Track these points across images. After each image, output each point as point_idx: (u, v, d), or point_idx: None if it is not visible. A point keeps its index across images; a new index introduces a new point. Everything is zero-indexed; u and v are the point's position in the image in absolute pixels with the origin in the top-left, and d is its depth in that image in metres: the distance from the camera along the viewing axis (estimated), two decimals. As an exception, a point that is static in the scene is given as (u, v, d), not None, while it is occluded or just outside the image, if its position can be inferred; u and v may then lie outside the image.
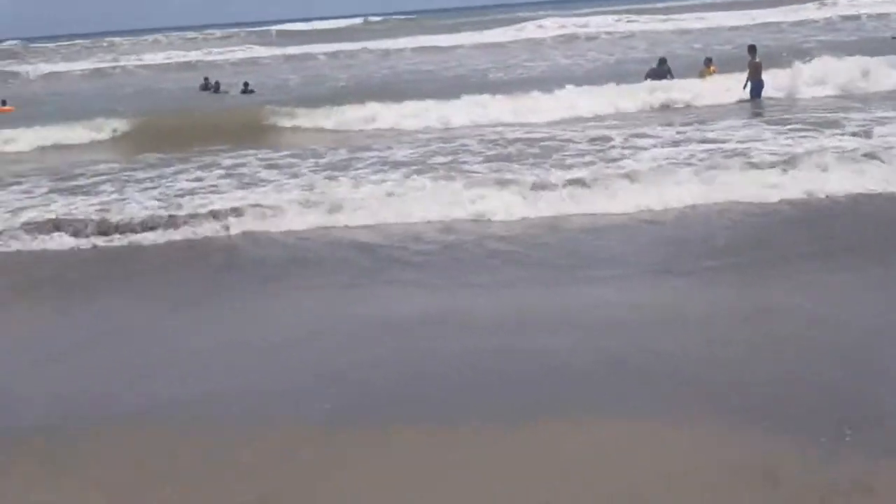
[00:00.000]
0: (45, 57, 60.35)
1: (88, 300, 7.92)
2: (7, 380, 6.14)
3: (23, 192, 12.51)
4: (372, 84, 27.63)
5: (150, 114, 20.04)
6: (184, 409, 5.38)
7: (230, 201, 10.57)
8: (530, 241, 8.78)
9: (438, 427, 4.94)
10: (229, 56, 47.10)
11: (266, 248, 9.22)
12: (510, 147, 13.30)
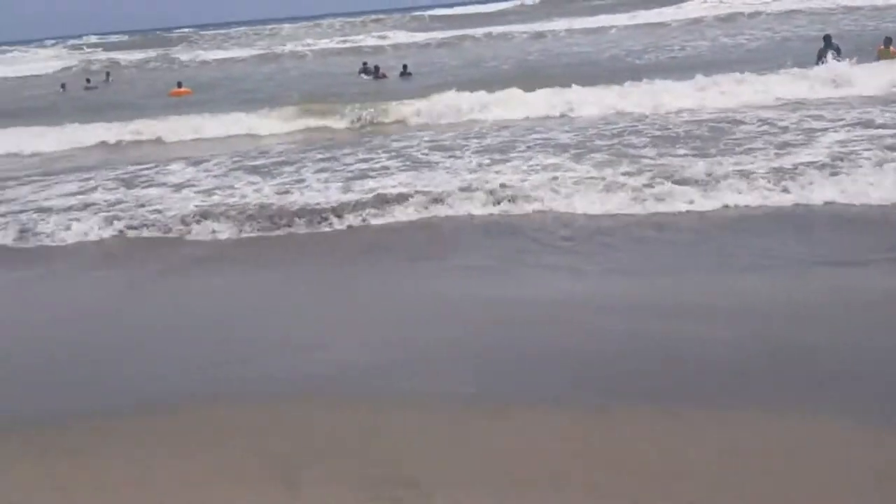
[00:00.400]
0: (215, 43, 63.56)
1: (264, 275, 8.34)
2: (179, 351, 6.34)
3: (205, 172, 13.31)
4: (527, 67, 27.51)
5: (316, 97, 20.64)
6: (331, 384, 5.42)
7: (396, 186, 10.77)
8: (699, 231, 8.49)
9: (587, 410, 4.78)
10: (387, 40, 48.11)
11: (419, 229, 9.32)
12: (679, 132, 12.85)
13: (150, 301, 7.66)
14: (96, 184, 13.11)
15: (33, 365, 6.13)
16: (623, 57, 28.23)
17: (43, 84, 41.17)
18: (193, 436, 4.74)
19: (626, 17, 45.43)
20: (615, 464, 4.14)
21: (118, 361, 6.08)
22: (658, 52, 28.82)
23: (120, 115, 22.85)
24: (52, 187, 13.21)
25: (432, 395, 5.13)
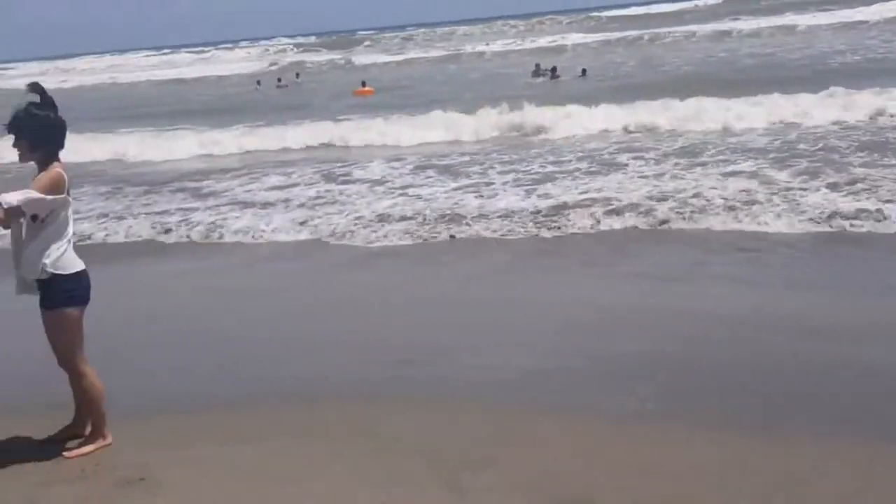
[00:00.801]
0: (395, 44, 65.35)
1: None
2: (344, 348, 6.33)
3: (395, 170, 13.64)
4: (708, 70, 26.55)
5: (496, 98, 20.71)
6: (498, 389, 5.24)
7: (577, 191, 10.67)
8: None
9: (754, 431, 4.36)
10: (563, 41, 47.84)
11: (595, 236, 9.07)
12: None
13: (325, 297, 7.78)
14: (299, 179, 13.71)
15: (221, 354, 6.31)
16: (820, 58, 26.71)
17: (241, 83, 43.75)
18: (361, 434, 4.70)
19: (820, 16, 43.02)
20: (788, 487, 3.86)
21: (292, 353, 6.17)
22: (855, 52, 27.10)
23: (310, 112, 23.93)
24: (259, 180, 13.94)
25: (597, 407, 4.90)
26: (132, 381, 5.54)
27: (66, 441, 4.69)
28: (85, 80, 53.92)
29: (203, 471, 4.32)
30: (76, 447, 4.60)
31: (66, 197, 4.43)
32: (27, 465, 4.46)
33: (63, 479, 4.29)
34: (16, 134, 4.37)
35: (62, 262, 4.41)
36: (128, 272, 9.11)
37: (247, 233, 10.20)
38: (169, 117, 26.07)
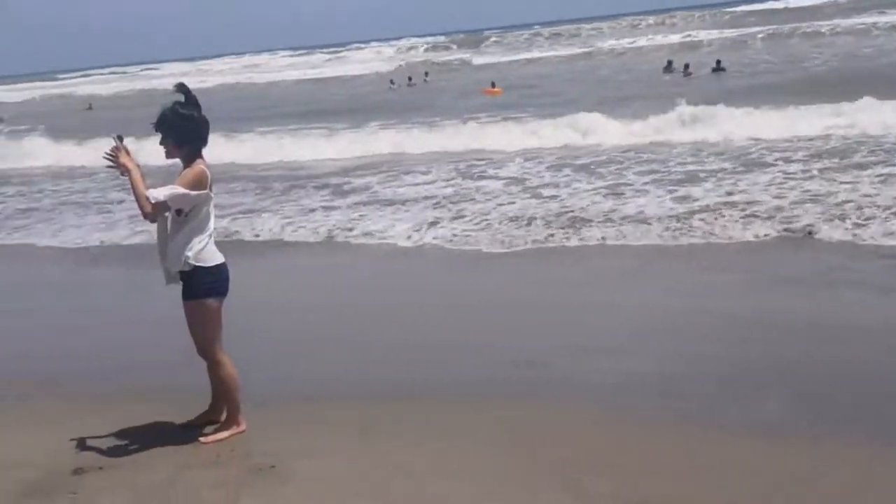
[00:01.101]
0: (523, 43, 65.15)
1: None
2: (472, 347, 6.32)
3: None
4: (855, 67, 25.15)
5: (622, 98, 20.14)
6: (617, 394, 5.09)
7: (713, 195, 10.28)
8: None
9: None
10: (695, 36, 46.48)
11: (724, 242, 8.69)
12: None
13: (450, 297, 7.82)
14: (436, 176, 13.85)
15: (353, 349, 6.37)
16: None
17: (371, 82, 44.69)
18: (487, 432, 4.66)
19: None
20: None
21: (418, 351, 6.19)
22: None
23: (440, 111, 24.15)
24: (398, 178, 14.12)
25: (723, 417, 4.68)
26: (267, 371, 5.70)
27: (203, 427, 4.87)
28: (224, 79, 56.16)
29: (332, 462, 4.38)
30: (212, 433, 4.76)
31: (209, 192, 4.58)
32: (168, 447, 4.64)
33: (200, 463, 4.44)
34: (163, 132, 4.56)
35: (203, 254, 4.56)
36: (267, 265, 9.39)
37: (381, 233, 10.17)
38: (306, 116, 26.78)
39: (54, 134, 24.48)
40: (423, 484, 4.10)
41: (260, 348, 6.17)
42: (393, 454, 4.43)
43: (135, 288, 8.51)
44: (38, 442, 4.84)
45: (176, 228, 4.56)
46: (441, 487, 4.06)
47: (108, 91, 58.04)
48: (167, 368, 5.90)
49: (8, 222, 13.33)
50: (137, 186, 4.42)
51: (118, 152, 4.49)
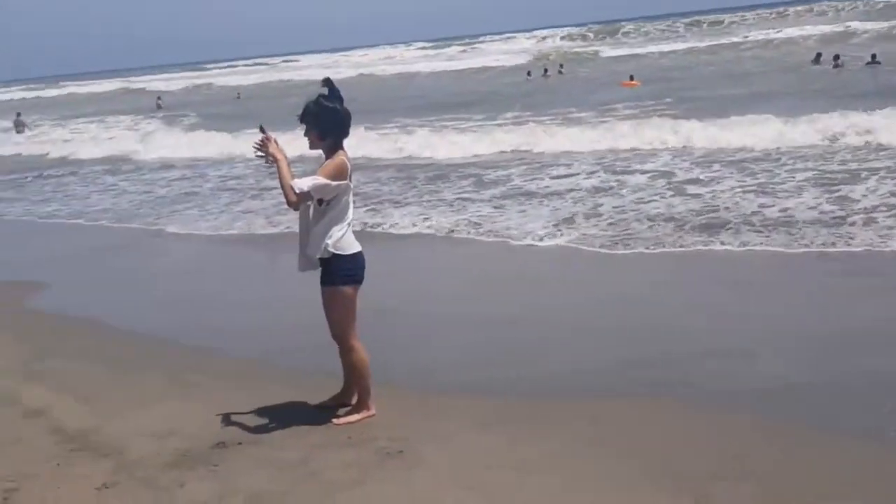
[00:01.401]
0: (662, 34, 63.53)
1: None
2: (611, 347, 6.27)
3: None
4: None
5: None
6: (754, 399, 4.88)
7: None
8: None
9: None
10: (845, 28, 44.06)
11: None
12: None
13: (581, 296, 7.77)
14: (579, 169, 13.76)
15: (484, 340, 6.45)
16: None
17: (509, 73, 44.68)
18: (608, 433, 4.62)
19: None
20: None
21: (548, 347, 6.20)
22: None
23: (576, 103, 23.94)
24: (540, 171, 14.11)
25: (870, 428, 4.43)
26: (399, 359, 5.82)
27: (336, 408, 5.04)
28: (362, 71, 57.29)
29: (458, 451, 4.45)
30: (344, 416, 4.92)
31: (348, 183, 4.73)
32: (303, 427, 4.84)
33: (332, 443, 4.61)
34: (307, 124, 4.73)
35: (342, 243, 4.71)
36: (405, 255, 9.54)
37: (513, 229, 10.05)
38: (445, 107, 27.02)
39: (208, 121, 25.80)
40: (542, 481, 4.10)
41: (394, 337, 6.32)
42: (515, 449, 4.45)
43: (281, 272, 8.81)
44: (186, 414, 5.15)
45: (317, 217, 4.72)
46: (557, 486, 4.05)
47: (252, 81, 60.42)
48: (306, 351, 6.13)
49: (172, 206, 14.17)
50: (284, 176, 4.60)
51: (267, 143, 4.69)
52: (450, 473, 4.19)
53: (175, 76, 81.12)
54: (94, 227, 12.96)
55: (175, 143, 23.09)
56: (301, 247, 4.83)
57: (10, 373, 6.16)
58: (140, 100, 52.99)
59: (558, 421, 4.81)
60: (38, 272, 9.81)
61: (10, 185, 19.15)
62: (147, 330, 7.21)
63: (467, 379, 5.56)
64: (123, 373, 6.07)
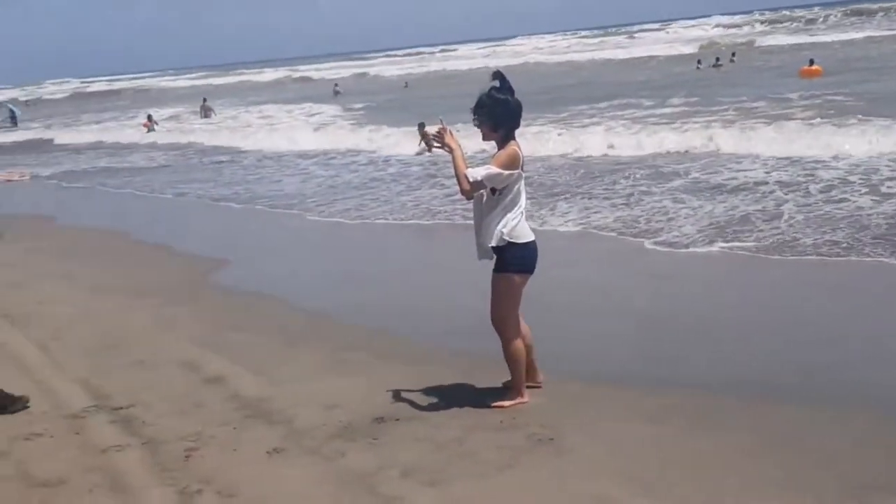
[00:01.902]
0: (849, 22, 59.56)
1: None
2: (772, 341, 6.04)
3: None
4: None
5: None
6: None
7: None
8: None
9: None
10: None
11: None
12: None
13: (736, 296, 7.53)
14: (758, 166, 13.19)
15: (642, 334, 6.38)
16: None
17: (678, 63, 43.29)
18: (759, 435, 4.42)
19: None
20: None
21: (700, 343, 6.08)
22: None
23: (751, 91, 22.91)
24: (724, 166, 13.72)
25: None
26: (554, 347, 5.73)
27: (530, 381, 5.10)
28: (524, 60, 56.91)
29: (607, 443, 4.43)
30: (497, 400, 5.01)
31: (520, 172, 4.82)
32: (458, 409, 4.97)
33: (485, 426, 4.70)
34: (480, 116, 4.86)
35: (516, 231, 4.81)
36: (570, 248, 9.43)
37: (682, 227, 9.68)
38: (616, 96, 26.34)
39: (382, 111, 26.41)
40: (718, 480, 4.00)
41: (550, 326, 6.28)
42: (683, 444, 4.38)
43: (454, 258, 8.94)
44: (349, 389, 5.40)
45: (490, 206, 4.83)
46: (734, 486, 3.93)
47: (412, 70, 61.66)
48: (468, 334, 6.23)
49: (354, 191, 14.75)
50: (459, 166, 4.75)
51: (444, 133, 4.84)
52: (603, 464, 4.18)
53: (335, 65, 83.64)
54: (278, 211, 13.58)
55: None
56: (476, 236, 4.96)
57: (194, 342, 6.65)
58: (316, 88, 55.32)
59: (730, 419, 4.68)
60: (224, 250, 10.49)
61: (202, 169, 20.55)
62: (318, 308, 7.59)
63: (625, 372, 5.51)
64: (294, 347, 6.43)
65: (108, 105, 61.02)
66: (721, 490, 3.89)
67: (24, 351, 5.60)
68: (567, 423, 4.69)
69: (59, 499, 4.14)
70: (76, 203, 16.67)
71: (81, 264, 10.16)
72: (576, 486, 3.97)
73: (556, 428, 4.61)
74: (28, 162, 25.69)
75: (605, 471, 4.11)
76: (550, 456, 4.30)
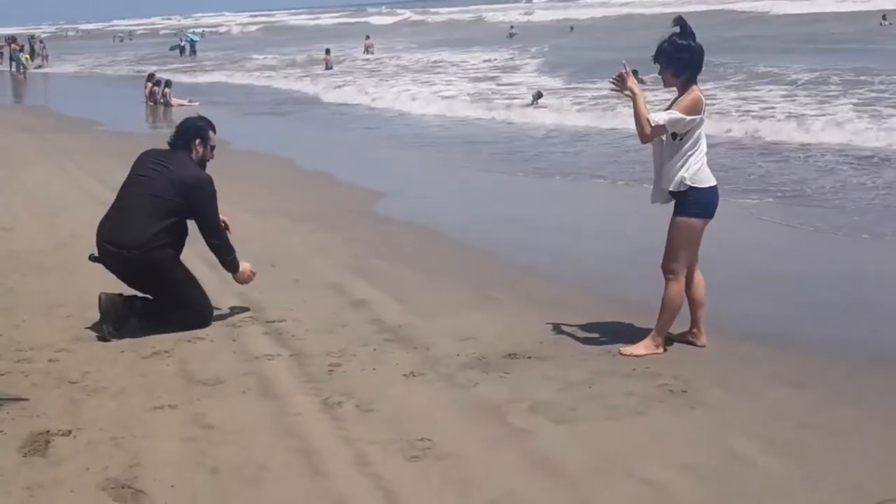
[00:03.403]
0: None
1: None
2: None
3: None
4: None
5: None
6: None
7: None
8: None
9: None
10: None
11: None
12: None
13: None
14: None
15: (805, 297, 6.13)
16: None
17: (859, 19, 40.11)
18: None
19: None
20: None
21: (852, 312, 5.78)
22: None
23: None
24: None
25: None
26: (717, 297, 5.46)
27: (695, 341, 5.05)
28: (708, 7, 54.21)
29: (744, 401, 4.30)
30: (631, 347, 4.95)
31: (703, 117, 4.72)
32: (591, 351, 4.98)
33: (616, 372, 4.67)
34: (661, 63, 4.78)
35: (699, 175, 4.74)
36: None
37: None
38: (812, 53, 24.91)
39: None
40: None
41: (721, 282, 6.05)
42: (827, 410, 4.21)
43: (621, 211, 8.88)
44: (486, 324, 5.48)
45: (672, 151, 4.77)
46: (882, 455, 3.76)
47: (585, 15, 60.01)
48: (616, 282, 6.23)
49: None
50: (640, 109, 4.67)
51: (626, 77, 4.77)
52: (738, 421, 4.07)
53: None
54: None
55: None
56: (656, 180, 4.92)
57: (344, 268, 6.93)
58: (486, 30, 55.01)
59: (876, 390, 4.45)
60: (383, 183, 10.77)
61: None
62: (466, 242, 7.77)
63: (770, 333, 5.29)
64: (438, 279, 6.58)
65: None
66: (859, 458, 3.72)
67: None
68: (703, 377, 4.58)
69: (215, 397, 4.47)
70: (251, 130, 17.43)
71: (249, 185, 10.64)
72: (707, 440, 3.89)
73: (690, 381, 4.51)
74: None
75: (739, 428, 4.00)
76: (683, 408, 4.23)
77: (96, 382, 4.66)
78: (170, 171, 5.47)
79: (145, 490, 3.52)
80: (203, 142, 5.62)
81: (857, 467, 3.64)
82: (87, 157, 13.24)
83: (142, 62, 41.90)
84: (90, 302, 5.57)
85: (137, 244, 5.30)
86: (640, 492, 3.47)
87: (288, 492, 3.53)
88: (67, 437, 4.00)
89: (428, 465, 3.70)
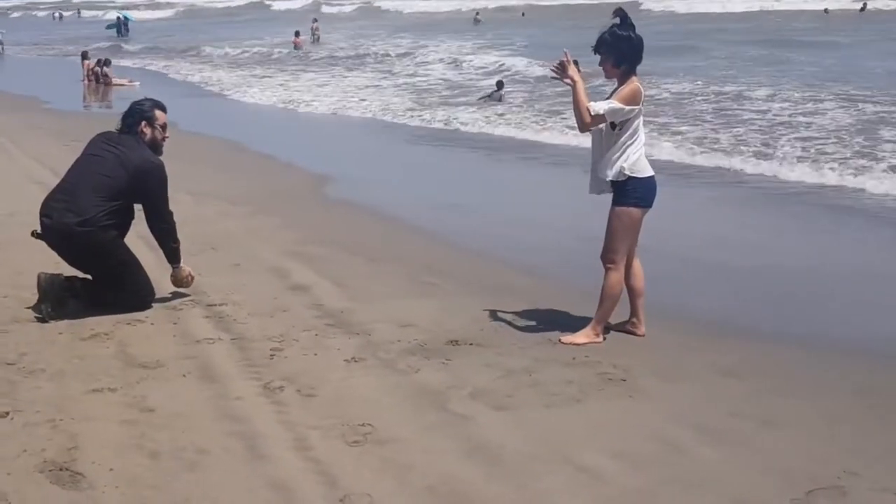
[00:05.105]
0: None
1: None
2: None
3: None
4: None
5: None
6: None
7: None
8: None
9: None
10: None
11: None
12: None
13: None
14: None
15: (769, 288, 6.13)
16: None
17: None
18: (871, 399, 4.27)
19: None
20: None
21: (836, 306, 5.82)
22: None
23: None
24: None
25: None
26: (659, 288, 5.56)
27: (635, 331, 5.10)
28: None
29: (680, 390, 4.35)
30: (570, 336, 4.99)
31: (641, 108, 4.77)
32: (531, 339, 5.00)
33: (556, 360, 4.69)
34: (602, 53, 4.81)
35: (637, 165, 4.79)
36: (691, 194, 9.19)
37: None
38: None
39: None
40: (791, 438, 3.89)
41: (669, 269, 6.21)
42: (759, 400, 4.26)
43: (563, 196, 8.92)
44: (426, 310, 5.47)
45: (611, 141, 4.81)
46: (802, 443, 3.83)
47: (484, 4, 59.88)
48: (552, 269, 6.25)
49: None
50: (580, 98, 4.69)
51: (567, 65, 4.79)
52: (674, 410, 4.11)
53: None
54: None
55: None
56: (593, 170, 4.94)
57: (284, 252, 6.84)
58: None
59: (825, 379, 4.55)
60: (329, 166, 10.70)
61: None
62: (410, 225, 7.77)
63: (710, 322, 5.38)
64: (380, 264, 6.55)
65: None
66: (790, 447, 3.79)
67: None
68: (641, 366, 4.63)
69: (155, 380, 4.38)
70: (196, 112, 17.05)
71: (200, 170, 10.42)
72: (644, 428, 3.94)
73: (629, 370, 4.56)
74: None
75: (674, 417, 4.05)
76: (621, 396, 4.27)
77: (34, 364, 4.53)
78: (122, 153, 5.33)
79: (84, 473, 3.44)
80: (149, 123, 5.49)
81: (788, 456, 3.71)
82: (24, 136, 12.85)
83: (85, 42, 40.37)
84: (27, 282, 5.40)
85: (81, 221, 5.15)
86: (576, 478, 3.50)
87: (228, 476, 3.47)
88: (4, 419, 3.89)
89: (368, 450, 3.68)
